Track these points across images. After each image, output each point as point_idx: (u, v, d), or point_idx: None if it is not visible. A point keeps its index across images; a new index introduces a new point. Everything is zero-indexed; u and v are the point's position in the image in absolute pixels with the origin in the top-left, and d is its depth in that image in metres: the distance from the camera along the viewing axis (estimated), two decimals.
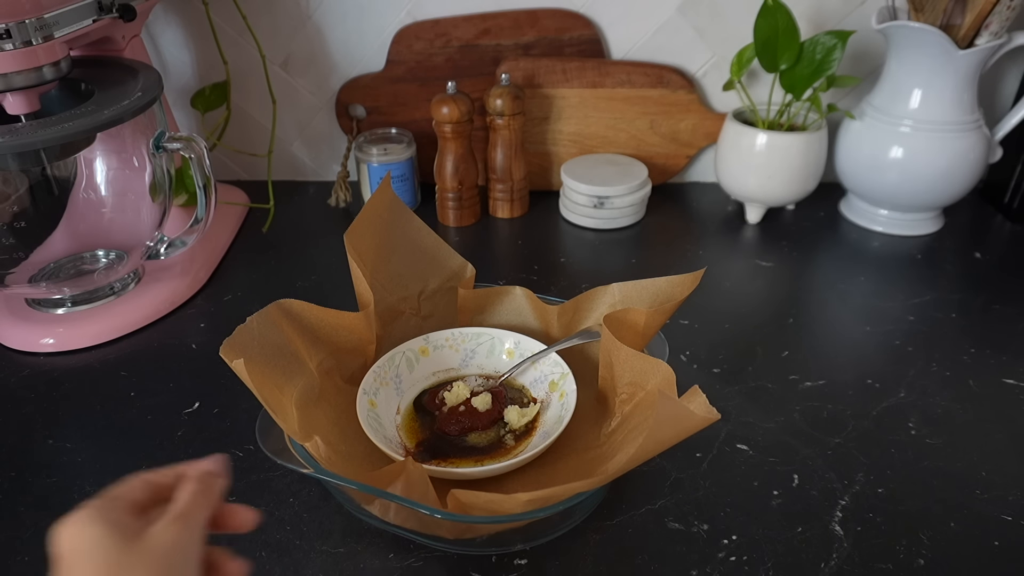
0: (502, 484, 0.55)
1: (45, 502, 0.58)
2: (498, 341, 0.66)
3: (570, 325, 0.66)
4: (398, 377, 0.63)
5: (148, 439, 0.63)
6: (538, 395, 0.63)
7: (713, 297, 0.79)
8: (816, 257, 0.86)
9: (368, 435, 0.55)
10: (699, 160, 1.01)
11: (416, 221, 0.68)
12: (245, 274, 0.86)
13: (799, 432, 0.62)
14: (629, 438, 0.53)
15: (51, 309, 0.77)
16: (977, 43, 0.80)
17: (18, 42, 0.60)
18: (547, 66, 0.93)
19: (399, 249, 0.66)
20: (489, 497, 0.47)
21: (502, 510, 0.47)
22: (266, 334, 0.55)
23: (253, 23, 0.92)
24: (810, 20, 0.90)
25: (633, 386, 0.56)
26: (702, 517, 0.55)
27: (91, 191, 0.74)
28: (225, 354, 0.51)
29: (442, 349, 0.66)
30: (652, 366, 0.54)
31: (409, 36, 0.94)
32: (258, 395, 0.50)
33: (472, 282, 0.69)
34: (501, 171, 0.93)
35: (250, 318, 0.55)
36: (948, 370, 0.68)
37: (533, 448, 0.56)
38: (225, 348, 0.51)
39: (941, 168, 0.84)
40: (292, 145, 1.04)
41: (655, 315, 0.58)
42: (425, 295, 0.68)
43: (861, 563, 0.51)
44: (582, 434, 0.58)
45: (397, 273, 0.66)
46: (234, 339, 0.53)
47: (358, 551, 0.53)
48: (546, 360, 0.64)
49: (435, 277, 0.68)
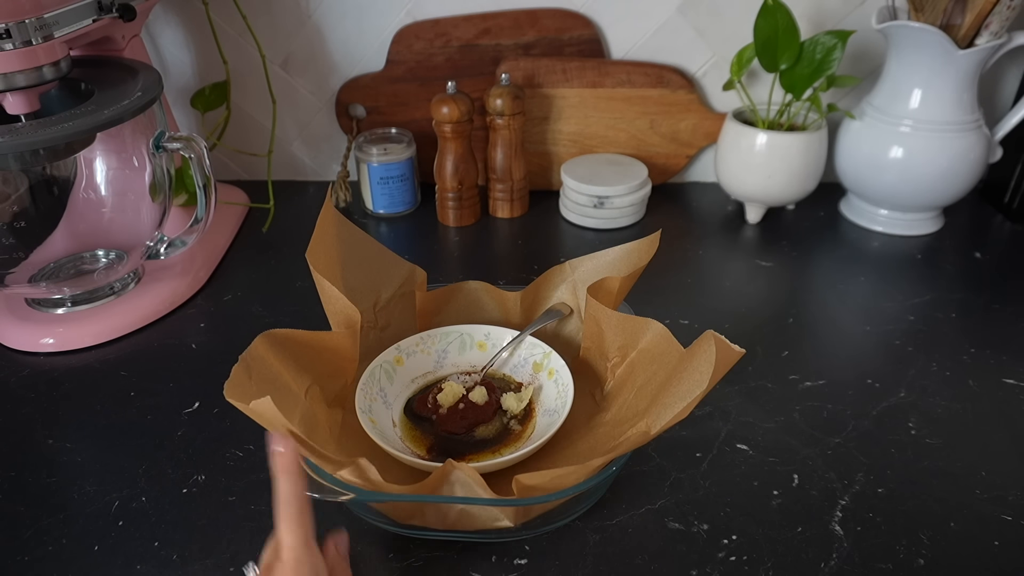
0: (523, 468, 0.55)
1: (45, 502, 0.58)
2: (468, 336, 0.67)
3: (532, 309, 0.68)
4: (383, 391, 0.62)
5: (148, 439, 0.63)
6: (522, 379, 0.64)
7: (713, 297, 0.79)
8: (816, 257, 0.86)
9: (389, 451, 0.55)
10: (699, 160, 1.01)
11: (359, 233, 0.66)
12: (245, 274, 0.86)
13: (799, 432, 0.62)
14: (643, 393, 0.55)
15: (51, 309, 0.77)
16: (977, 43, 0.80)
17: (18, 42, 0.60)
18: (547, 66, 0.93)
19: (349, 263, 0.65)
20: (554, 473, 0.48)
21: (568, 483, 0.49)
22: (259, 369, 0.53)
23: (253, 23, 0.92)
24: (810, 20, 0.90)
25: (624, 348, 0.59)
26: (702, 517, 0.55)
27: (91, 191, 0.74)
28: (234, 398, 0.48)
29: (415, 355, 0.66)
30: (642, 325, 0.57)
31: (409, 36, 0.94)
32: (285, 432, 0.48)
33: (425, 285, 0.69)
34: (501, 171, 0.93)
35: (242, 356, 0.52)
36: (948, 370, 0.68)
37: (547, 427, 0.57)
38: (230, 391, 0.48)
39: (941, 168, 0.84)
40: (292, 145, 1.04)
41: (627, 280, 0.62)
42: (380, 306, 0.67)
43: (861, 563, 0.51)
44: (574, 406, 0.59)
45: (350, 288, 0.64)
46: (233, 380, 0.49)
47: (358, 551, 0.53)
48: (522, 345, 0.66)
49: (387, 287, 0.67)
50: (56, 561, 0.53)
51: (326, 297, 0.60)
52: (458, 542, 0.53)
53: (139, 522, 0.56)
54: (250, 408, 0.46)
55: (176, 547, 0.54)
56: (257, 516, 0.56)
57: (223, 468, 0.60)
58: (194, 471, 0.60)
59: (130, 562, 0.53)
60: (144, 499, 0.57)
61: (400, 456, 0.55)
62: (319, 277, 0.59)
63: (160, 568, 0.52)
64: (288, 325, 0.75)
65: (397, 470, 0.56)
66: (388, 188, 0.94)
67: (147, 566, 0.52)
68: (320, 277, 0.59)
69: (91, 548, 0.54)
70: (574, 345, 0.66)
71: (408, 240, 0.93)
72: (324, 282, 0.59)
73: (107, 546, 0.54)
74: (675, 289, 0.81)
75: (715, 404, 0.65)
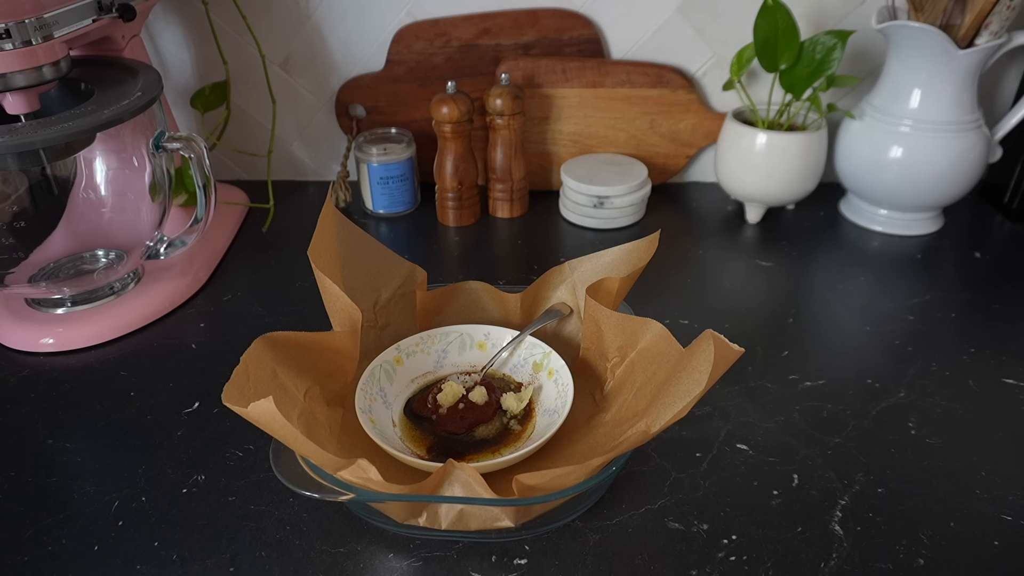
0: (523, 468, 0.55)
1: (45, 502, 0.58)
2: (467, 336, 0.67)
3: (531, 310, 0.69)
4: (382, 391, 0.62)
5: (148, 439, 0.63)
6: (522, 379, 0.64)
7: (713, 297, 0.79)
8: (816, 257, 0.86)
9: (389, 451, 0.55)
10: (699, 160, 1.01)
11: (359, 232, 0.67)
12: (245, 274, 0.86)
13: (799, 432, 0.62)
14: (643, 393, 0.55)
15: (51, 309, 0.77)
16: (977, 43, 0.80)
17: (18, 42, 0.60)
18: (547, 66, 0.93)
19: (349, 263, 0.65)
20: (554, 473, 0.48)
21: (568, 483, 0.49)
22: (258, 373, 0.52)
23: (253, 23, 0.92)
24: (810, 20, 0.90)
25: (624, 348, 0.59)
26: (702, 517, 0.55)
27: (91, 191, 0.74)
28: (231, 402, 0.47)
29: (415, 355, 0.66)
30: (641, 325, 0.57)
31: (409, 36, 0.94)
32: (285, 438, 0.48)
33: (425, 284, 0.69)
34: (501, 171, 0.93)
35: (243, 357, 0.51)
36: (948, 370, 0.68)
37: (547, 427, 0.57)
38: (228, 395, 0.48)
39: (941, 168, 0.84)
40: (292, 145, 1.04)
41: (626, 281, 0.62)
42: (380, 305, 0.67)
43: (861, 563, 0.51)
44: (574, 407, 0.59)
45: (350, 287, 0.64)
46: (232, 384, 0.49)
47: (358, 551, 0.53)
48: (522, 345, 0.66)
49: (387, 286, 0.68)
50: (56, 561, 0.53)
51: (327, 295, 0.60)
52: (458, 542, 0.53)
53: (139, 522, 0.56)
54: (248, 412, 0.46)
55: (176, 547, 0.54)
56: (257, 516, 0.56)
57: (223, 468, 0.60)
58: (194, 471, 0.60)
59: (130, 562, 0.53)
60: (144, 499, 0.57)
61: (400, 456, 0.55)
62: (321, 276, 0.59)
63: (160, 568, 0.52)
64: (288, 325, 0.76)
65: (397, 470, 0.56)
66: (388, 188, 0.94)
67: (147, 566, 0.52)
68: (322, 275, 0.59)
69: (91, 548, 0.54)
70: (574, 345, 0.66)
71: (408, 240, 0.93)
72: (326, 280, 0.59)
73: (107, 546, 0.54)
74: (675, 289, 0.81)
75: (715, 404, 0.65)
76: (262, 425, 0.47)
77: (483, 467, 0.52)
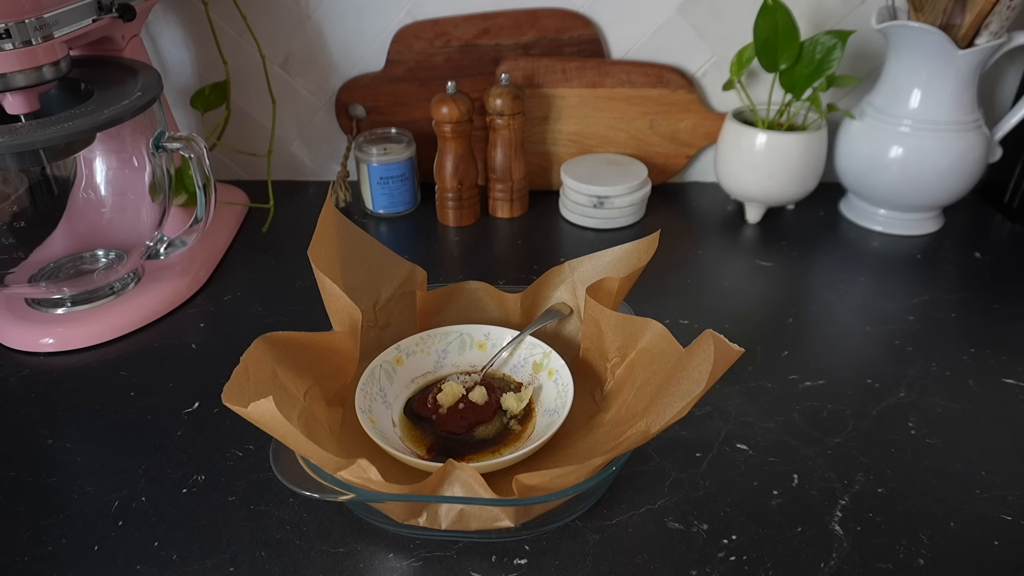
0: (523, 468, 0.55)
1: (45, 502, 0.58)
2: (467, 336, 0.67)
3: (532, 309, 0.69)
4: (382, 391, 0.62)
5: (148, 439, 0.63)
6: (522, 379, 0.64)
7: (713, 297, 0.79)
8: (816, 257, 0.86)
9: (389, 451, 0.55)
10: (699, 160, 1.01)
11: (360, 232, 0.66)
12: (245, 274, 0.86)
13: (799, 432, 0.62)
14: (643, 393, 0.55)
15: (51, 309, 0.77)
16: (977, 43, 0.80)
17: (18, 42, 0.60)
18: (547, 66, 0.93)
19: (349, 262, 0.65)
20: (554, 473, 0.47)
21: (568, 483, 0.49)
22: (257, 373, 0.52)
23: (253, 23, 0.92)
24: (810, 20, 0.90)
25: (624, 348, 0.59)
26: (702, 517, 0.55)
27: (91, 191, 0.74)
28: (231, 402, 0.47)
29: (415, 355, 0.66)
30: (641, 325, 0.57)
31: (409, 36, 0.94)
32: (285, 438, 0.47)
33: (425, 284, 0.69)
34: (501, 171, 0.93)
35: (243, 357, 0.51)
36: (948, 370, 0.68)
37: (547, 427, 0.57)
38: (228, 395, 0.48)
39: (941, 168, 0.84)
40: (292, 145, 1.04)
41: (626, 281, 0.62)
42: (380, 305, 0.67)
43: (861, 563, 0.51)
44: (574, 407, 0.59)
45: (350, 288, 0.64)
46: (232, 384, 0.49)
47: (358, 551, 0.53)
48: (522, 345, 0.66)
49: (387, 286, 0.68)
50: (56, 561, 0.53)
51: (328, 295, 0.60)
52: (458, 542, 0.53)
53: (139, 522, 0.56)
54: (248, 412, 0.46)
55: (176, 547, 0.54)
56: (257, 516, 0.56)
57: (223, 468, 0.60)
58: (194, 471, 0.60)
59: (130, 562, 0.53)
60: (144, 499, 0.57)
61: (400, 456, 0.55)
62: (321, 275, 0.59)
63: (160, 568, 0.52)
64: (288, 325, 0.76)
65: (397, 470, 0.56)
66: (388, 188, 0.94)
67: (147, 566, 0.52)
68: (322, 275, 0.59)
69: (91, 548, 0.54)
70: (574, 345, 0.66)
71: (408, 240, 0.93)
72: (326, 280, 0.59)
73: (107, 546, 0.54)
74: (675, 289, 0.81)
75: (715, 404, 0.65)
76: (262, 425, 0.47)
77: (483, 467, 0.52)
